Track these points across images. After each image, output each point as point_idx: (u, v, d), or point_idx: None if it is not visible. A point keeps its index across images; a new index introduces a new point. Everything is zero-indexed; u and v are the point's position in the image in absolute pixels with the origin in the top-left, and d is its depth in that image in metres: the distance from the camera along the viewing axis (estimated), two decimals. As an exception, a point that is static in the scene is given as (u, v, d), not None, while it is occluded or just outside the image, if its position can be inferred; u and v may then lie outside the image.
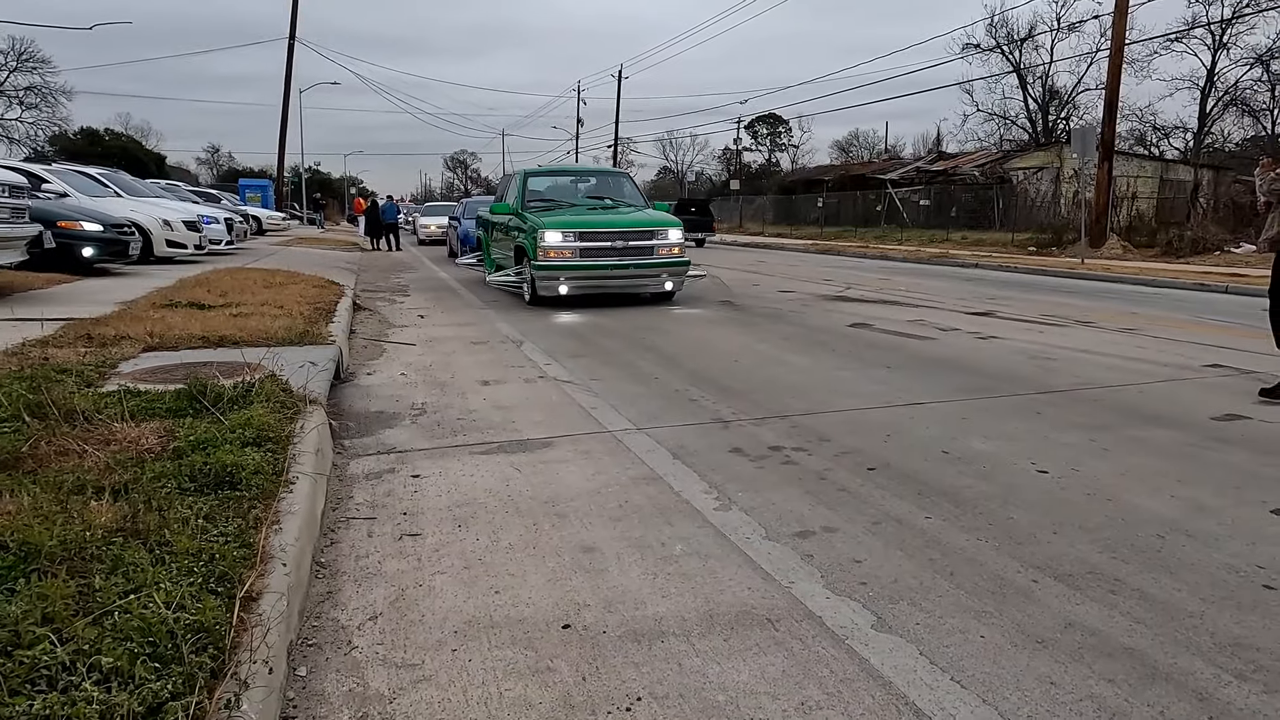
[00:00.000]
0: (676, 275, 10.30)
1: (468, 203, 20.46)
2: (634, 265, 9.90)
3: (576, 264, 9.69)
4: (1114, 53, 18.89)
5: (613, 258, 9.79)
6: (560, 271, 9.65)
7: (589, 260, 9.72)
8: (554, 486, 3.56)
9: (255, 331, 6.10)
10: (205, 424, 3.35)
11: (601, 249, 9.74)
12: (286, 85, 32.84)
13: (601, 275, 9.81)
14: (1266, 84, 40.18)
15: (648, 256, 9.97)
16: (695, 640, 2.31)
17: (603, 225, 9.91)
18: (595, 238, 9.71)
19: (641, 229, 10.01)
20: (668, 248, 10.10)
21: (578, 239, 9.63)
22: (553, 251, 9.58)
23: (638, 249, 9.92)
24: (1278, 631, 2.35)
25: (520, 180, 11.25)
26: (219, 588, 2.05)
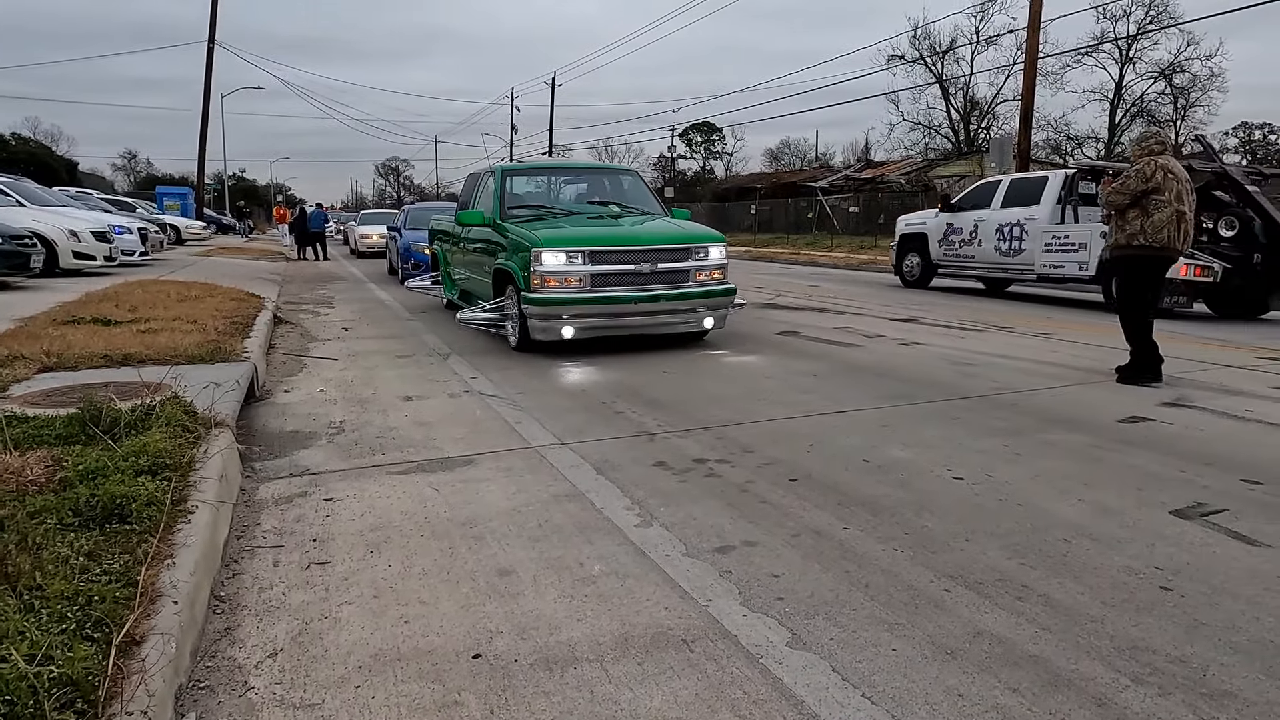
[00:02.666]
0: (719, 308, 7.56)
1: (410, 210, 17.49)
2: (665, 296, 7.11)
3: (587, 295, 6.92)
4: (1028, 69, 19.67)
5: (637, 286, 7.03)
6: (564, 307, 6.88)
7: (604, 290, 6.96)
8: (473, 506, 3.48)
9: (164, 349, 5.83)
10: (97, 452, 3.16)
11: (621, 274, 6.99)
12: (206, 89, 31.73)
13: (622, 312, 7.04)
14: (1169, 96, 42.44)
15: (683, 284, 7.23)
16: (609, 665, 2.26)
17: (621, 241, 7.12)
18: (612, 259, 6.97)
19: (674, 246, 7.27)
20: (708, 270, 7.38)
21: (588, 260, 6.91)
22: (553, 279, 6.84)
23: (670, 274, 7.17)
24: (1172, 632, 2.43)
25: (497, 181, 8.34)
26: (95, 633, 1.92)
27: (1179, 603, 2.62)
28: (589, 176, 9.49)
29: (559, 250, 6.91)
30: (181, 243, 25.70)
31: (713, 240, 7.53)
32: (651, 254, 7.12)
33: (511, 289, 7.37)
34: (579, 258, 6.92)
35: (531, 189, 8.94)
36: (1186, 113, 43.01)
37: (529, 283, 6.89)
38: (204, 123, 31.94)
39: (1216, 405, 5.33)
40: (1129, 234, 6.09)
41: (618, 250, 7.03)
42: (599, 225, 7.64)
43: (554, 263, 6.88)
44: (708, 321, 7.55)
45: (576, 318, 6.98)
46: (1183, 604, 2.61)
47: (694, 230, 7.85)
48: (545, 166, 10.46)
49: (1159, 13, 37.85)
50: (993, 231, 13.02)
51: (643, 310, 7.11)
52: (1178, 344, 8.04)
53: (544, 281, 6.86)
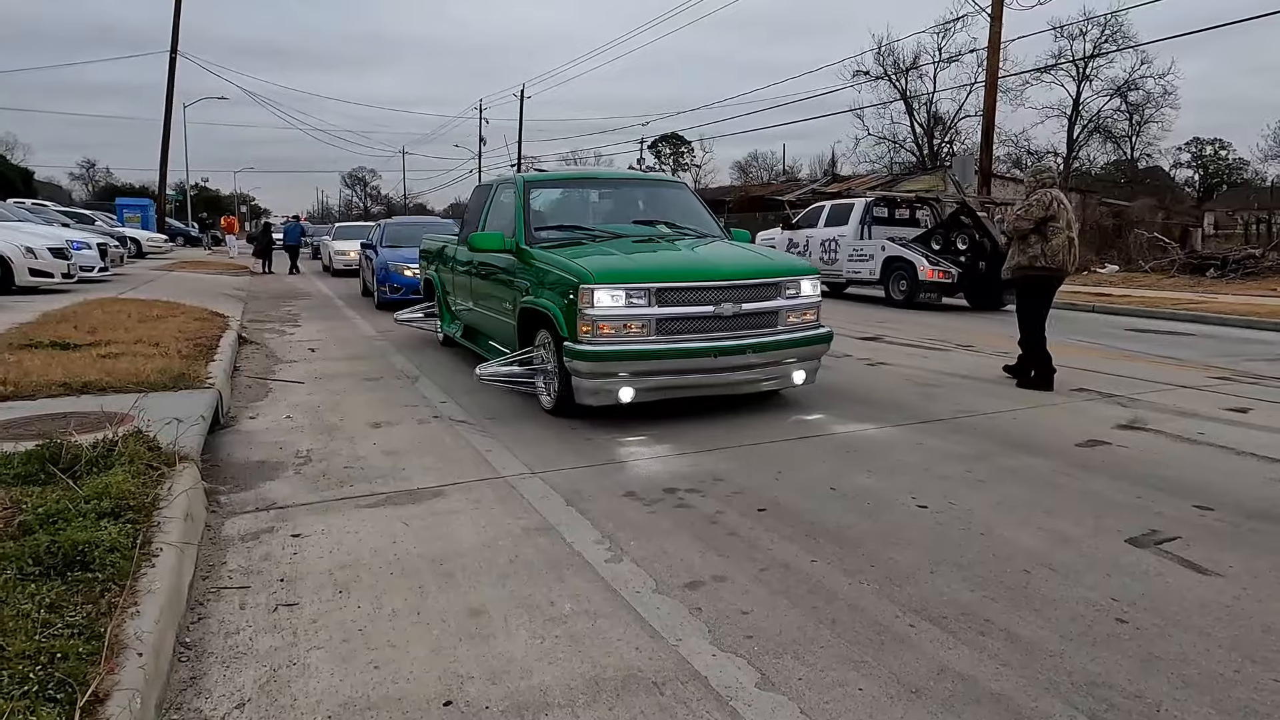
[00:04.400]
0: (812, 358, 5.99)
1: (387, 226, 15.40)
2: (752, 346, 5.53)
3: (653, 348, 5.29)
4: (989, 88, 20.13)
5: (716, 334, 5.44)
6: (623, 362, 5.26)
7: (674, 340, 5.35)
8: (443, 542, 3.47)
9: (125, 375, 5.73)
10: (57, 494, 3.11)
11: (696, 319, 5.40)
12: (169, 98, 31.25)
13: (697, 368, 5.42)
14: (1125, 113, 43.63)
15: (770, 329, 5.66)
16: (580, 711, 2.28)
17: (697, 275, 5.53)
18: (685, 298, 5.39)
19: (760, 281, 5.70)
20: (800, 311, 5.83)
21: (654, 301, 5.31)
22: (608, 325, 5.22)
23: (756, 316, 5.60)
24: (1128, 667, 2.50)
25: (518, 195, 6.70)
26: (59, 694, 1.90)
27: (1134, 635, 2.69)
28: (628, 189, 7.69)
29: (617, 288, 5.23)
30: (143, 256, 25.23)
31: (805, 272, 5.98)
32: (734, 291, 5.49)
33: (546, 336, 5.72)
34: (642, 297, 5.27)
35: (560, 205, 7.17)
36: (1141, 128, 44.27)
37: (574, 330, 5.25)
38: (166, 133, 31.45)
39: (1170, 428, 5.49)
40: (1030, 256, 6.74)
41: (692, 287, 5.40)
42: (659, 252, 6.03)
43: (610, 304, 5.21)
44: (798, 376, 5.93)
45: (638, 376, 5.32)
46: (1138, 636, 2.69)
47: (782, 260, 6.34)
48: (576, 178, 8.37)
49: (1114, 33, 38.93)
50: (818, 245, 16.45)
51: (723, 366, 5.47)
52: (1133, 363, 8.26)
53: (596, 329, 5.18)
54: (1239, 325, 11.60)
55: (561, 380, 5.53)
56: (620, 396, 5.34)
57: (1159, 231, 23.54)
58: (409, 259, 12.30)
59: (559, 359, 5.46)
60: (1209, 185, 49.46)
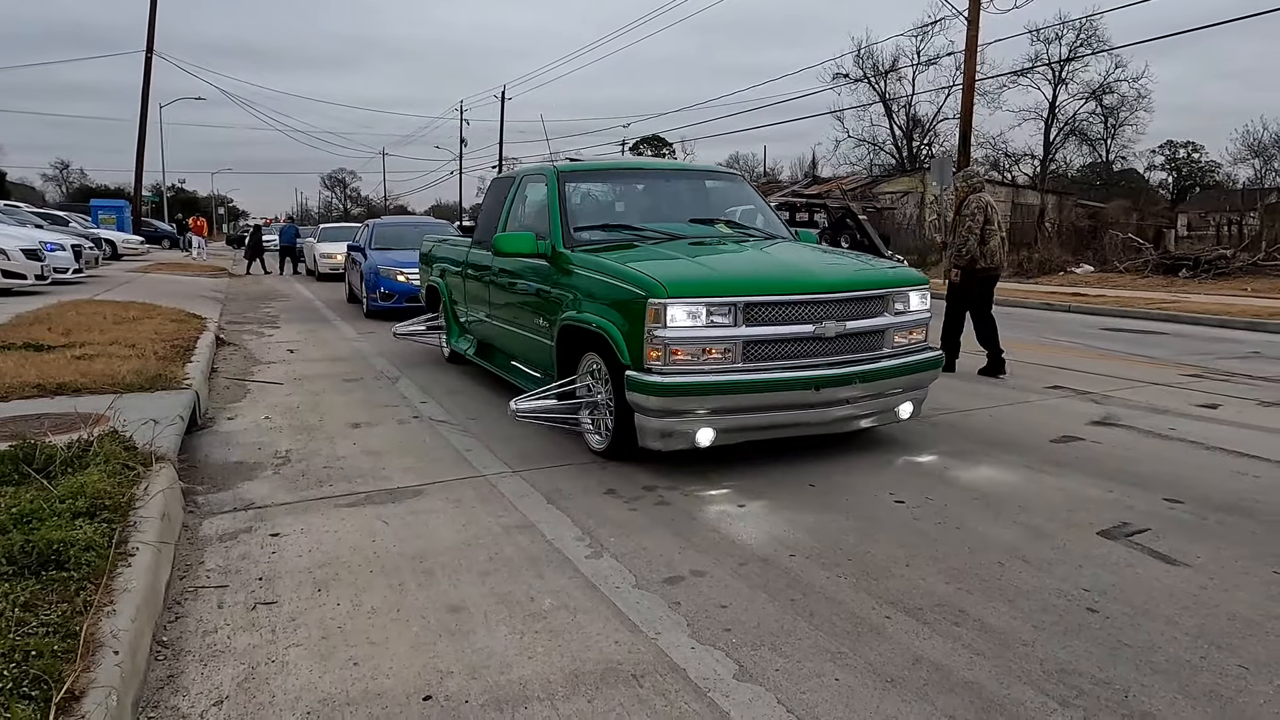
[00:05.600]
0: (919, 386, 5.02)
1: (376, 226, 14.26)
2: (861, 375, 4.49)
3: (740, 378, 4.24)
4: (966, 91, 20.32)
5: (817, 359, 4.42)
6: (703, 396, 4.20)
7: (766, 368, 4.30)
8: (423, 540, 3.47)
9: (101, 376, 5.68)
10: (31, 494, 3.08)
11: (792, 340, 4.36)
12: (144, 99, 30.89)
13: (794, 402, 4.37)
14: (1100, 116, 44.21)
15: (876, 351, 4.66)
16: (559, 704, 2.29)
17: (794, 285, 4.45)
18: (779, 315, 4.34)
19: (867, 293, 4.66)
20: (907, 330, 4.84)
21: (741, 318, 4.25)
22: (683, 350, 4.20)
23: (861, 337, 4.58)
24: (1098, 654, 2.55)
25: (551, 188, 5.67)
26: (33, 691, 1.89)
27: (1104, 624, 2.75)
28: (678, 182, 6.51)
29: (695, 303, 4.17)
30: (118, 258, 24.91)
31: (915, 282, 4.92)
32: (839, 306, 4.44)
33: (595, 361, 4.69)
34: (726, 314, 4.20)
35: (600, 200, 6.13)
36: (1116, 131, 44.86)
37: (640, 356, 4.18)
38: (142, 133, 31.10)
39: (1143, 424, 5.58)
40: (970, 259, 7.36)
41: (789, 301, 4.32)
42: (738, 256, 5.07)
43: (687, 324, 4.16)
44: (904, 410, 4.90)
45: (721, 414, 4.25)
46: (1108, 625, 2.74)
47: (888, 267, 5.33)
48: (617, 168, 6.80)
49: (1089, 37, 39.43)
50: None
51: (824, 401, 4.40)
52: (1108, 361, 8.38)
53: (669, 355, 4.14)
54: (1211, 324, 11.79)
55: (619, 417, 4.47)
56: (698, 440, 4.27)
57: (1133, 233, 23.87)
58: (402, 263, 11.56)
59: (616, 391, 4.43)
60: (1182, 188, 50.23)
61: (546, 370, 5.38)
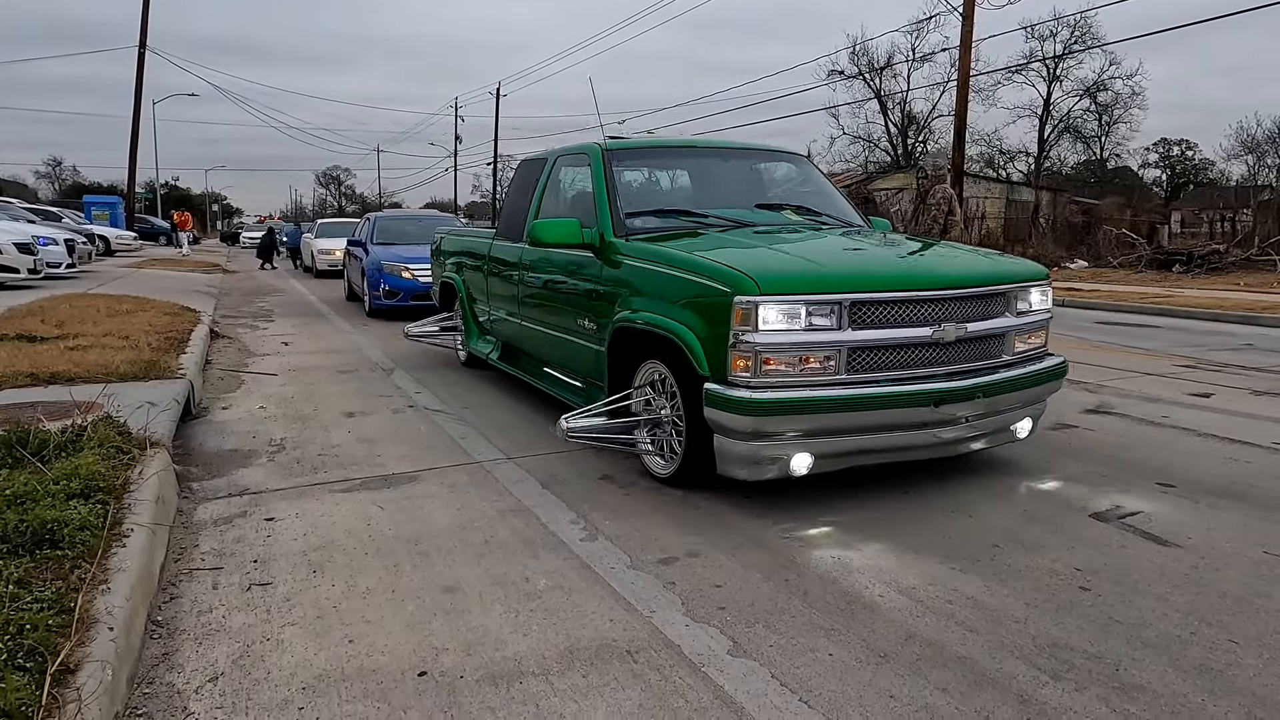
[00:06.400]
0: (1037, 402, 4.32)
1: (378, 220, 13.55)
2: (985, 387, 3.79)
3: (846, 393, 3.51)
4: (960, 87, 20.36)
5: (935, 368, 3.73)
6: (801, 415, 3.49)
7: (875, 380, 3.59)
8: (418, 524, 3.48)
9: (94, 366, 5.67)
10: (25, 475, 3.07)
11: (906, 346, 3.67)
12: (137, 94, 30.76)
13: (908, 421, 3.67)
14: (1094, 113, 44.31)
15: (997, 359, 3.97)
16: (554, 679, 2.30)
17: (904, 279, 3.76)
18: (890, 315, 3.64)
19: (989, 287, 3.94)
20: (1028, 333, 4.17)
21: (846, 320, 3.55)
22: (777, 358, 3.47)
23: (982, 342, 3.90)
24: (1089, 631, 2.57)
25: (596, 168, 4.94)
26: (28, 663, 1.89)
27: (1096, 602, 2.76)
28: (739, 162, 5.67)
29: (793, 300, 3.45)
30: (111, 254, 24.82)
31: (1036, 277, 4.21)
32: (960, 305, 3.74)
33: (658, 370, 4.01)
34: (828, 315, 3.49)
35: (651, 183, 5.52)
36: (1110, 129, 44.96)
37: (722, 365, 3.49)
38: (135, 129, 30.98)
39: (1136, 412, 5.61)
40: None
41: (903, 299, 3.61)
42: (833, 244, 4.36)
43: (784, 326, 3.44)
44: (1022, 428, 4.20)
45: (820, 435, 3.55)
46: (1099, 603, 2.76)
47: (1009, 260, 4.43)
48: (670, 146, 6.09)
49: (1083, 34, 39.51)
50: None
51: (942, 419, 3.68)
52: (1102, 353, 8.41)
53: (760, 364, 3.42)
54: (1204, 318, 11.84)
55: (691, 437, 3.77)
56: (793, 466, 3.55)
57: (1127, 229, 23.95)
58: (407, 258, 11.03)
59: (688, 406, 3.74)
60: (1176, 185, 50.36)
61: (589, 378, 4.78)
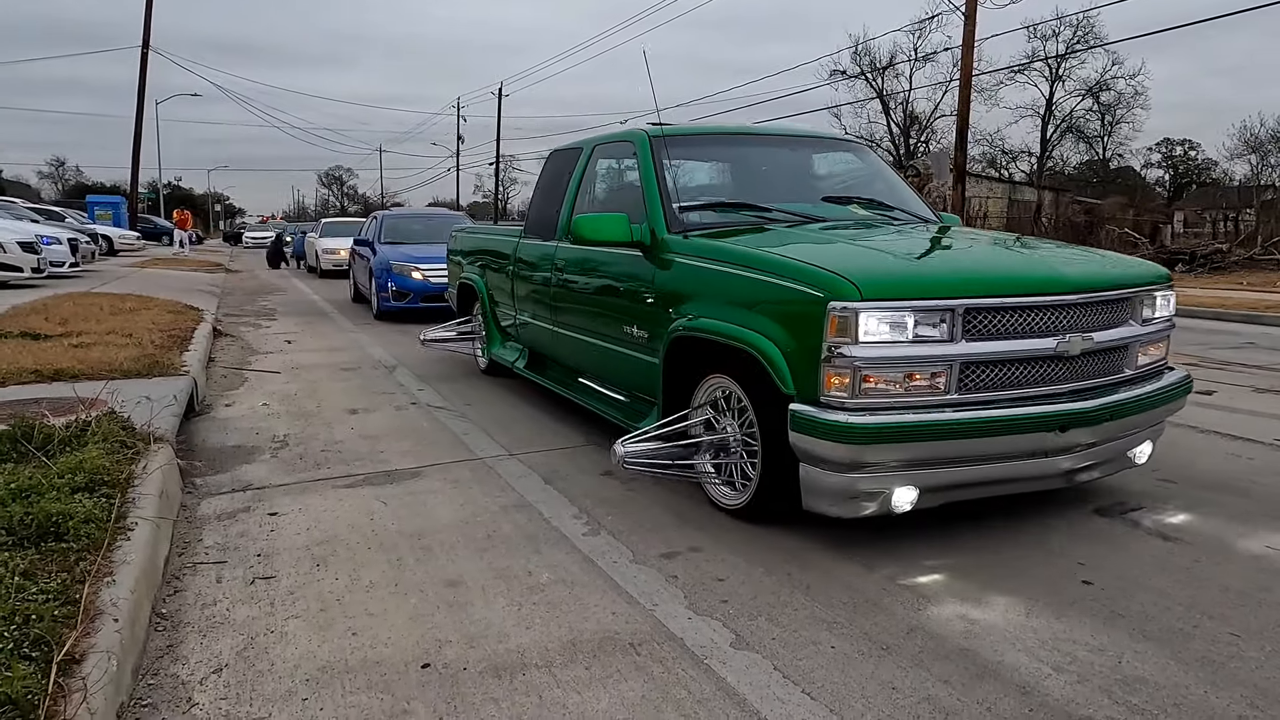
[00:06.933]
0: (1158, 423, 3.72)
1: (385, 218, 12.88)
2: (1112, 405, 3.22)
3: (959, 416, 2.95)
4: (963, 87, 20.33)
5: (1059, 385, 3.15)
6: (909, 444, 2.92)
7: (990, 401, 3.03)
8: (421, 519, 3.49)
9: (98, 363, 5.68)
10: (30, 469, 3.09)
11: (1027, 361, 3.09)
12: (140, 94, 30.79)
13: (1028, 449, 3.10)
14: (1097, 113, 44.26)
15: (1119, 374, 3.40)
16: (557, 671, 2.31)
17: (1025, 281, 3.15)
18: (1008, 324, 3.04)
19: (1114, 290, 3.36)
20: (1151, 344, 3.60)
21: (960, 329, 2.97)
22: (879, 374, 2.89)
23: (1106, 355, 3.33)
24: (1091, 624, 2.57)
25: (644, 158, 4.39)
26: (34, 652, 1.90)
27: (1099, 595, 2.77)
28: (799, 152, 5.04)
29: (900, 307, 2.92)
30: (114, 254, 24.86)
31: (1160, 280, 3.67)
32: (1084, 311, 3.20)
33: (725, 386, 3.52)
34: (938, 323, 2.96)
35: (701, 174, 4.96)
36: (1113, 129, 44.91)
37: (813, 382, 2.97)
38: (138, 129, 31.00)
39: (1137, 409, 5.60)
40: None
41: (1024, 305, 3.07)
42: (916, 242, 3.82)
43: (887, 336, 2.91)
44: (1141, 453, 3.63)
45: (925, 466, 3.01)
46: (1102, 596, 2.76)
47: (1130, 261, 3.93)
48: (722, 133, 5.29)
49: (1085, 33, 39.46)
50: None
51: (1063, 446, 3.15)
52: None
53: (860, 382, 2.89)
54: (1206, 317, 11.84)
55: (768, 465, 3.25)
56: (894, 502, 3.02)
57: (1129, 228, 23.95)
58: (416, 258, 10.59)
59: (765, 429, 3.23)
60: (1179, 185, 50.27)
61: (636, 391, 4.30)
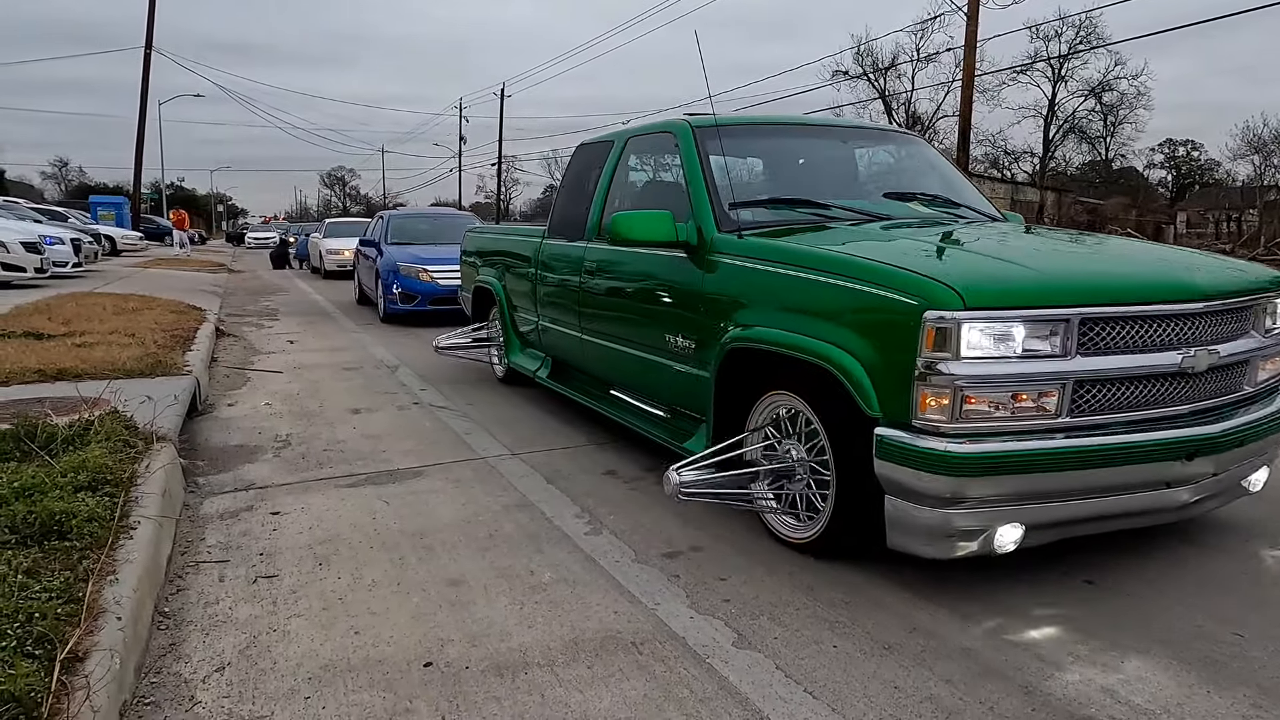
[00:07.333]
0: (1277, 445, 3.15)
1: (392, 218, 12.64)
2: (1241, 430, 2.81)
3: (1074, 444, 2.55)
4: (965, 87, 20.32)
5: (1175, 404, 2.73)
6: (1015, 475, 2.53)
7: (1108, 426, 2.63)
8: (423, 518, 3.49)
9: (101, 363, 5.68)
10: (33, 468, 3.09)
11: (1150, 378, 2.68)
12: (143, 95, 30.84)
13: (1141, 480, 2.68)
14: (1099, 114, 44.22)
15: (1238, 394, 2.96)
16: (559, 669, 2.31)
17: (1150, 286, 2.73)
18: (1130, 335, 2.64)
19: (1239, 297, 2.88)
20: (1269, 358, 3.08)
21: (1074, 342, 2.56)
22: (983, 395, 2.48)
23: (1229, 370, 2.88)
24: (1095, 625, 2.57)
25: (689, 151, 3.98)
26: (37, 650, 1.90)
27: (1103, 597, 2.76)
28: (847, 142, 4.67)
29: (1008, 317, 2.53)
30: (117, 254, 24.89)
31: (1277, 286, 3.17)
32: (1211, 321, 2.82)
33: (790, 403, 3.14)
34: (1050, 335, 2.58)
35: (747, 169, 4.43)
36: (1116, 129, 44.87)
37: (904, 403, 2.59)
38: (141, 130, 31.04)
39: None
40: None
41: (1145, 314, 2.69)
42: (1007, 242, 3.34)
43: (992, 350, 2.52)
44: (1257, 479, 3.17)
45: (1035, 500, 2.62)
46: (1106, 598, 2.76)
47: (1244, 266, 3.46)
48: (771, 124, 4.77)
49: (1088, 33, 39.43)
50: None
51: (1183, 477, 2.75)
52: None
53: (961, 403, 2.50)
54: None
55: (843, 495, 2.87)
56: (996, 542, 2.61)
57: (1132, 229, 23.94)
58: (425, 259, 10.33)
59: (839, 453, 2.87)
60: (1182, 185, 50.21)
61: (679, 406, 3.93)
